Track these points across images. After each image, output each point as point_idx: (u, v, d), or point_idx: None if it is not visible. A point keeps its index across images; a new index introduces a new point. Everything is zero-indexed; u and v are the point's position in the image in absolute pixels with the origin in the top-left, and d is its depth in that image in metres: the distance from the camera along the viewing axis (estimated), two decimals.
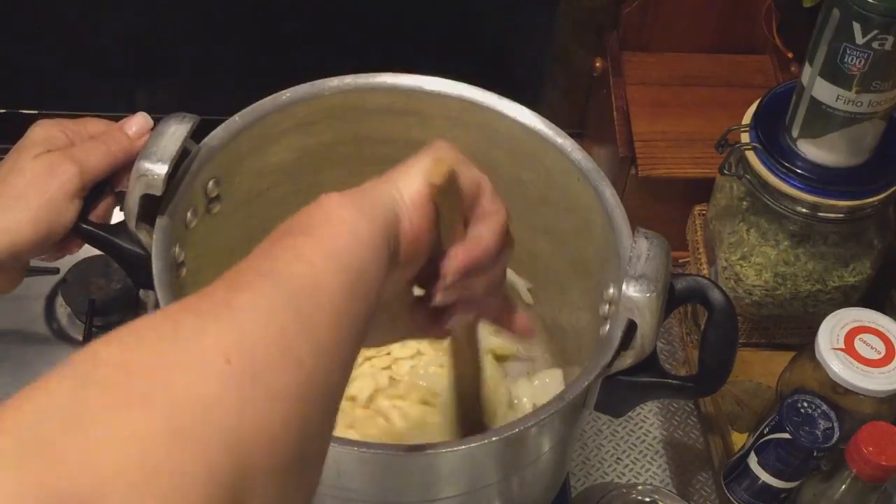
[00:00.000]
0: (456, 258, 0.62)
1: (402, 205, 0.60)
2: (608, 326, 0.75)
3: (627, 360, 0.73)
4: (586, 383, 0.72)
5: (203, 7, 1.12)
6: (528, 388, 0.95)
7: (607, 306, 0.79)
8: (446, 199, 0.61)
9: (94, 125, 0.83)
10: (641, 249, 0.72)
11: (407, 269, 0.61)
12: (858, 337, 0.88)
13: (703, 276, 0.82)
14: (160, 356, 0.44)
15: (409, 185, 0.61)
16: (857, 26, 0.85)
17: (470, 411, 0.81)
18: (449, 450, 0.70)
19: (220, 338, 0.45)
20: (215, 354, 0.44)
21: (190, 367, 0.44)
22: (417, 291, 0.66)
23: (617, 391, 0.75)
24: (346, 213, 0.56)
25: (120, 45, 1.15)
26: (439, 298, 0.64)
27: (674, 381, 0.76)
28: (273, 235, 0.56)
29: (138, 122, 0.83)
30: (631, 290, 0.71)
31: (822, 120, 0.91)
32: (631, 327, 0.72)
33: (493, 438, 0.69)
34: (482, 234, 0.64)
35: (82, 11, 1.11)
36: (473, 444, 0.70)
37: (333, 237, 0.55)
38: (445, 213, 0.62)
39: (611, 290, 0.79)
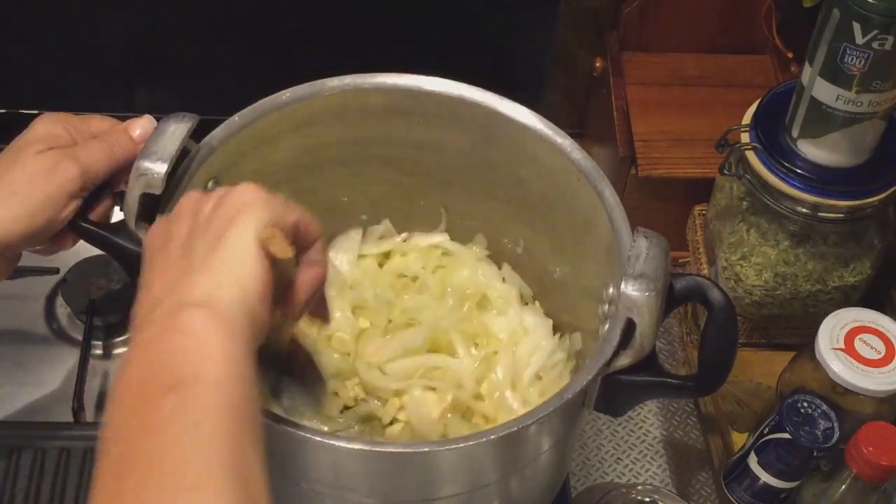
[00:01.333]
0: (308, 286, 0.67)
1: (252, 299, 0.60)
2: (607, 326, 0.75)
3: (626, 359, 0.73)
4: (585, 382, 0.72)
5: (203, 7, 1.12)
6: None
7: (606, 306, 0.79)
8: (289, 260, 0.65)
9: (97, 123, 0.83)
10: (640, 249, 0.72)
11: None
12: (858, 337, 0.88)
13: (703, 276, 0.82)
14: None
15: (249, 272, 0.61)
16: (857, 26, 0.85)
17: None
18: (448, 448, 0.70)
19: None
20: None
21: None
22: None
23: (616, 390, 0.75)
24: (223, 344, 0.57)
25: (120, 45, 1.15)
26: (298, 314, 0.68)
27: (673, 381, 0.76)
28: (150, 382, 0.55)
29: (142, 125, 0.83)
30: (630, 289, 0.71)
31: (822, 120, 0.91)
32: (630, 326, 0.72)
33: (492, 437, 0.69)
34: (317, 257, 0.68)
35: (82, 11, 1.11)
36: (472, 443, 0.70)
37: (221, 380, 0.55)
38: (286, 262, 0.64)
39: (610, 290, 0.79)
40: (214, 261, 0.61)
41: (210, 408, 0.54)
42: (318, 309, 0.74)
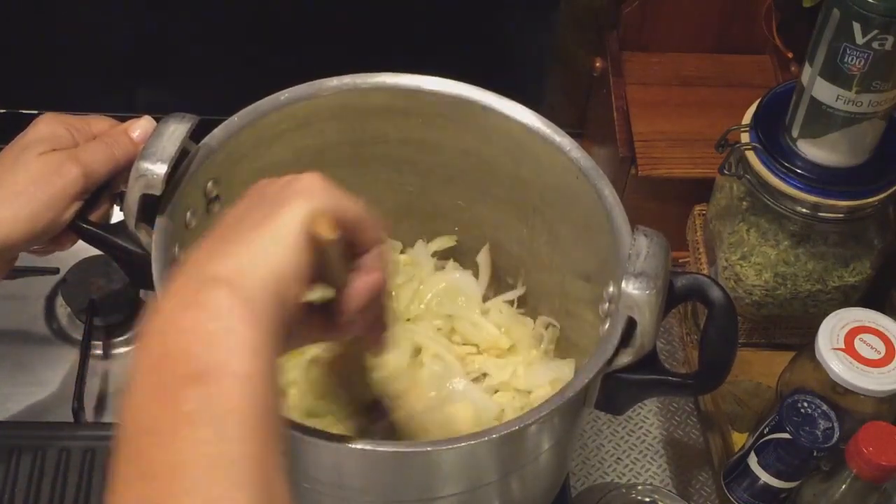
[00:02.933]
0: (358, 294, 0.64)
1: (284, 284, 0.57)
2: (608, 324, 0.75)
3: (627, 357, 0.73)
4: (586, 381, 0.72)
5: (203, 7, 1.12)
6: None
7: (607, 304, 0.79)
8: (333, 245, 0.61)
9: (97, 124, 0.83)
10: (641, 247, 0.72)
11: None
12: (858, 337, 0.88)
13: (703, 274, 0.82)
14: None
15: (285, 253, 0.58)
16: (857, 26, 0.85)
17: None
18: (448, 447, 0.70)
19: None
20: None
21: None
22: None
23: (617, 389, 0.75)
24: (249, 332, 0.54)
25: (120, 45, 1.15)
26: (345, 326, 0.66)
27: (674, 379, 0.76)
28: (171, 368, 0.52)
29: (142, 126, 0.83)
30: (630, 288, 0.71)
31: (822, 120, 0.91)
32: (631, 325, 0.72)
33: (493, 436, 0.69)
34: (374, 264, 0.65)
35: (82, 12, 1.11)
36: (473, 442, 0.69)
37: (247, 375, 0.52)
38: (333, 255, 0.62)
39: (610, 288, 0.79)
40: (253, 236, 0.57)
41: (236, 407, 0.51)
42: (373, 329, 0.70)
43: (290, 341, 0.60)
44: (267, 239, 0.58)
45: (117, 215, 0.81)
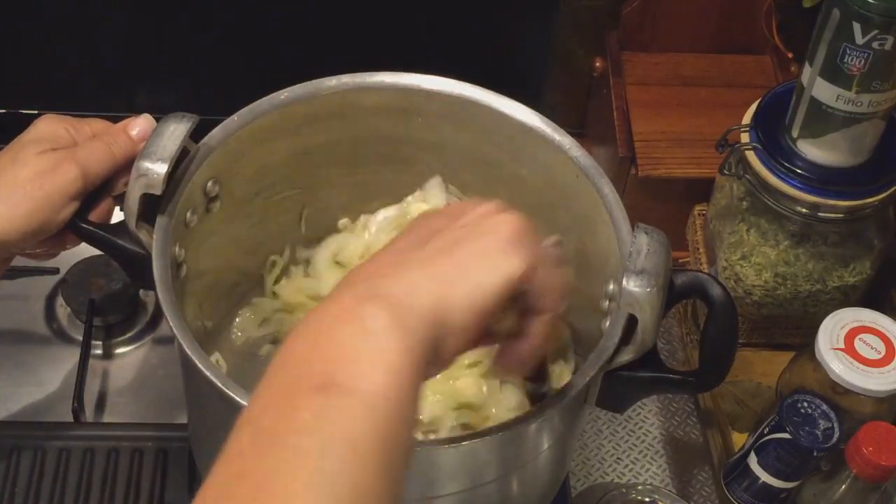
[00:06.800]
0: (510, 360, 0.65)
1: (450, 328, 0.56)
2: (608, 322, 0.75)
3: (628, 355, 0.73)
4: (587, 379, 0.72)
5: (202, 7, 1.12)
6: None
7: (607, 302, 0.79)
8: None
9: (97, 124, 0.83)
10: (641, 244, 0.72)
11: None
12: (858, 337, 0.88)
13: (703, 272, 0.82)
14: None
15: (485, 302, 0.57)
16: (857, 26, 0.85)
17: None
18: (450, 445, 0.70)
19: None
20: None
21: None
22: None
23: (618, 387, 0.75)
24: (397, 357, 0.52)
25: (120, 46, 1.15)
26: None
27: (674, 376, 0.77)
28: (303, 374, 0.51)
29: (141, 125, 0.83)
30: (631, 285, 0.71)
31: (822, 120, 0.91)
32: (631, 322, 0.72)
33: (494, 434, 0.69)
34: (539, 330, 0.64)
35: (82, 12, 1.11)
36: (474, 440, 0.70)
37: (374, 385, 0.51)
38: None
39: (611, 286, 0.79)
40: (456, 273, 0.57)
41: (351, 426, 0.49)
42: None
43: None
44: (472, 282, 0.57)
45: (117, 215, 0.81)
